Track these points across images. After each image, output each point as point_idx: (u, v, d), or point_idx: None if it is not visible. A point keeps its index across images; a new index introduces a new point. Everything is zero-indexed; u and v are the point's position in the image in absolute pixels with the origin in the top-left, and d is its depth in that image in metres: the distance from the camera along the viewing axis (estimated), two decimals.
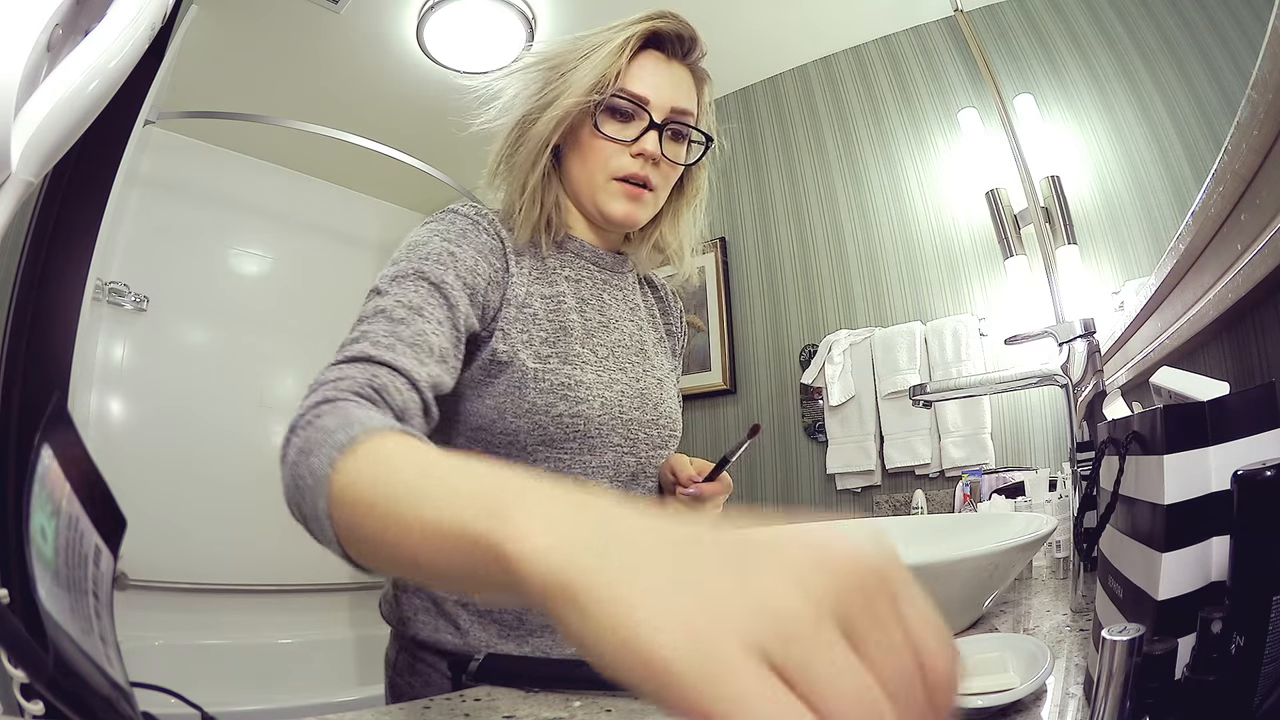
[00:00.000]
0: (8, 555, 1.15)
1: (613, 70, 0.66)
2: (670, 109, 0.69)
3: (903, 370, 1.89)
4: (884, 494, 1.94)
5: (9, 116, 0.36)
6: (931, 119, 2.02)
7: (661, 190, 0.72)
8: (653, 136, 0.68)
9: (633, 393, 0.72)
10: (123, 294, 2.20)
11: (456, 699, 0.53)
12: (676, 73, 0.71)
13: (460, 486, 0.28)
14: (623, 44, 0.67)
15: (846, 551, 0.19)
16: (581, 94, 0.66)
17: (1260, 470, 0.27)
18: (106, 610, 0.30)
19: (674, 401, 0.79)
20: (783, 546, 0.19)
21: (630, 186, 0.69)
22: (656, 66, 0.70)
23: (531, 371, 0.64)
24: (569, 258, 0.74)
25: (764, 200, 2.33)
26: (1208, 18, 1.07)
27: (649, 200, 0.71)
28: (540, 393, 0.64)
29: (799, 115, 2.28)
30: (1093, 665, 0.34)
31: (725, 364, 2.31)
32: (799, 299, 2.21)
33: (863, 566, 0.19)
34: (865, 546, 0.19)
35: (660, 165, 0.70)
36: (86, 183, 1.63)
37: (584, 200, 0.72)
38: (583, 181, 0.71)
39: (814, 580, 0.18)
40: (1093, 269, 1.54)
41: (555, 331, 0.68)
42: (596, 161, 0.69)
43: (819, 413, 2.07)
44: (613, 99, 0.67)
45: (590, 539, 0.22)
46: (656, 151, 0.69)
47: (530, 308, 0.67)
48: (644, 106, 0.68)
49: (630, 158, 0.69)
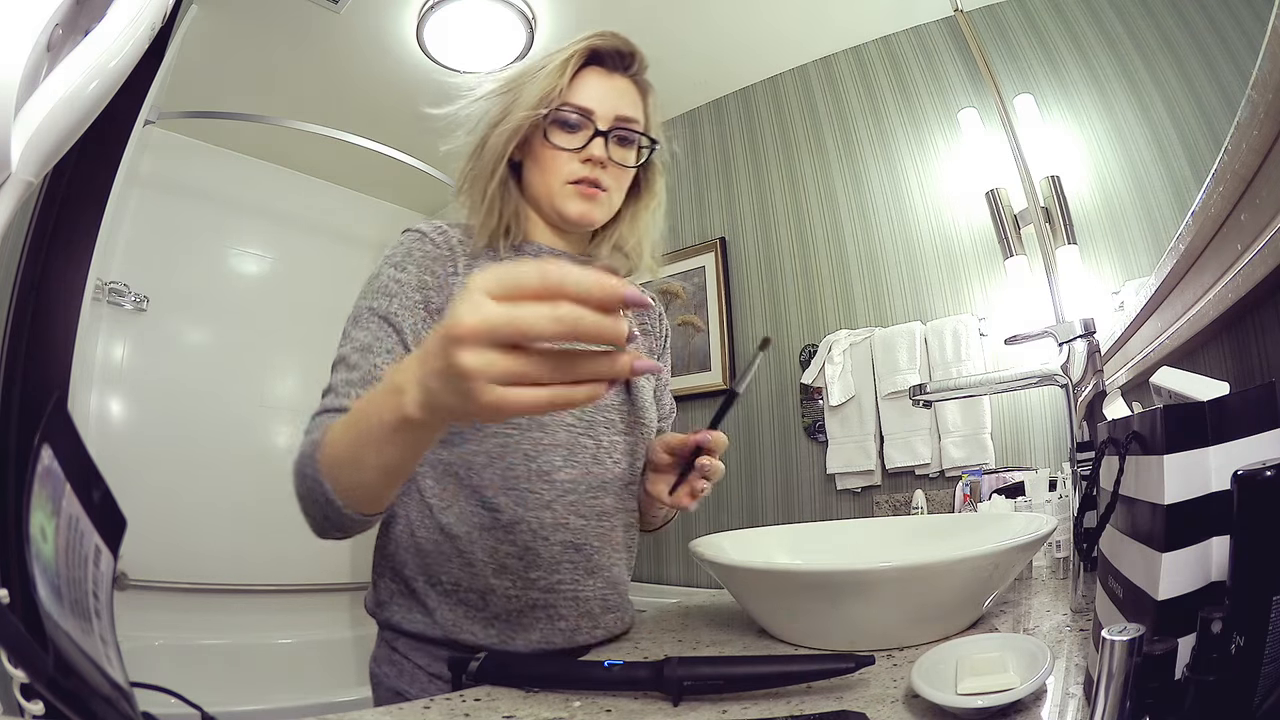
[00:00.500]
0: (8, 555, 1.15)
1: (556, 86, 0.73)
2: (614, 117, 0.76)
3: (903, 370, 1.89)
4: (884, 494, 1.94)
5: (9, 116, 0.36)
6: (931, 119, 2.02)
7: (614, 191, 0.79)
8: (599, 142, 0.75)
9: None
10: (123, 294, 2.20)
11: (456, 699, 0.53)
12: (619, 84, 0.78)
13: (367, 412, 0.49)
14: (564, 62, 0.74)
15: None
16: (529, 108, 0.73)
17: (1260, 470, 0.27)
18: (106, 610, 0.30)
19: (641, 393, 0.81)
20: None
21: (584, 188, 0.76)
22: (598, 80, 0.77)
23: None
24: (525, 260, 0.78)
25: (764, 200, 2.33)
26: (1208, 18, 1.07)
27: (603, 200, 0.78)
28: None
29: (799, 115, 2.28)
30: (1093, 665, 0.34)
31: (725, 364, 2.31)
32: (799, 299, 2.21)
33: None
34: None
35: (609, 168, 0.77)
36: (86, 183, 1.63)
37: (544, 206, 0.79)
38: (541, 189, 0.78)
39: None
40: (1093, 269, 1.54)
41: None
42: (551, 169, 0.76)
43: (819, 413, 2.07)
44: (560, 112, 0.74)
45: (417, 382, 0.42)
46: (604, 155, 0.76)
47: None
48: (589, 116, 0.75)
49: (580, 163, 0.75)
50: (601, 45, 0.77)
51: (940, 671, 0.46)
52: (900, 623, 0.58)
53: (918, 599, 0.57)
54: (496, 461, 0.70)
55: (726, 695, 0.50)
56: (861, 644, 0.58)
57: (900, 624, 0.58)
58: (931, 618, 0.59)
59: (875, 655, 0.51)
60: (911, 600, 0.57)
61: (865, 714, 0.43)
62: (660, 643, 0.72)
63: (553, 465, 0.72)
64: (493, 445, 0.70)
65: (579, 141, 0.75)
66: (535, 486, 0.71)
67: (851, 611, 0.58)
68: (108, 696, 0.26)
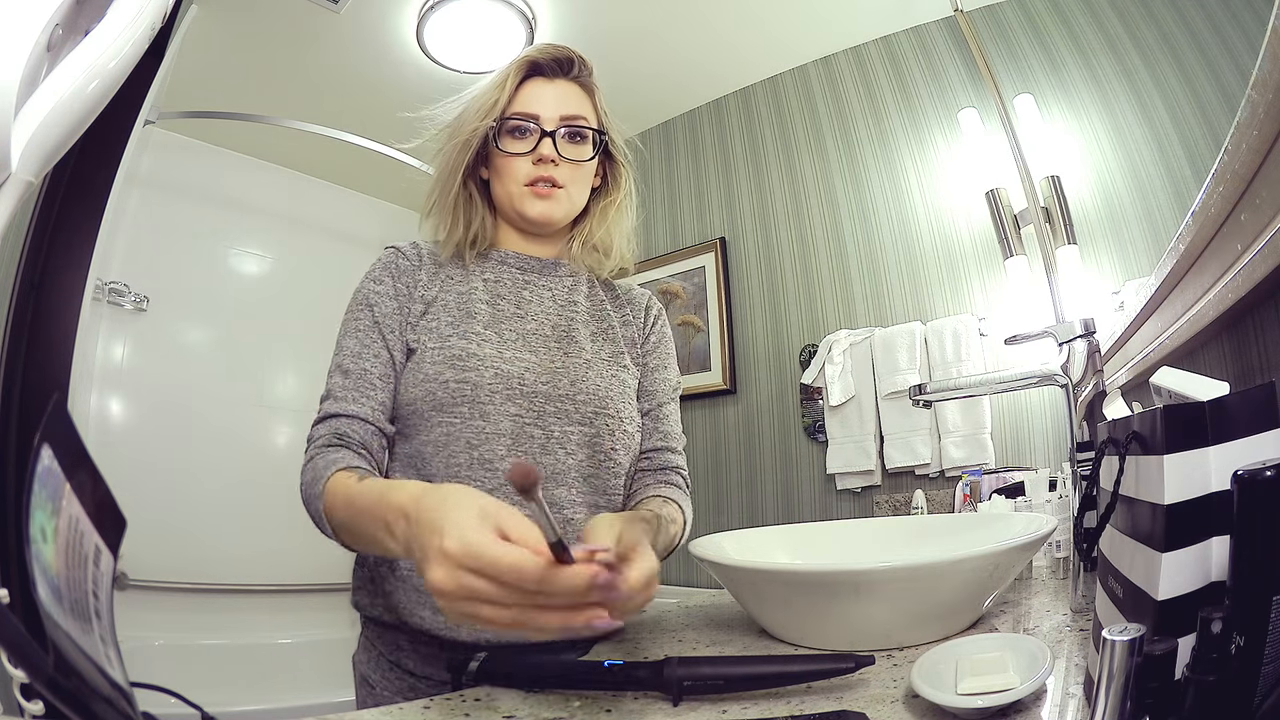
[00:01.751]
0: (8, 555, 1.15)
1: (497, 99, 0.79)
2: (560, 118, 0.81)
3: (903, 370, 1.89)
4: (884, 494, 1.94)
5: (9, 116, 0.36)
6: (931, 119, 2.02)
7: (572, 186, 0.82)
8: (547, 142, 0.79)
9: (541, 369, 0.78)
10: (123, 294, 2.19)
11: (456, 699, 0.53)
12: (561, 88, 0.82)
13: (363, 521, 0.59)
14: (503, 76, 0.80)
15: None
16: (476, 121, 0.79)
17: (1260, 470, 0.27)
18: (106, 610, 0.30)
19: (604, 383, 0.80)
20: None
21: (539, 187, 0.80)
22: (539, 88, 0.81)
23: (430, 350, 0.76)
24: (491, 265, 0.85)
25: (764, 200, 2.33)
26: (1208, 18, 1.07)
27: (560, 197, 0.82)
28: (433, 363, 0.74)
29: (799, 115, 2.28)
30: (1093, 665, 0.34)
31: (725, 364, 2.31)
32: (799, 299, 2.21)
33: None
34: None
35: (561, 165, 0.81)
36: (86, 183, 1.63)
37: (508, 212, 0.83)
38: (503, 196, 0.82)
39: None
40: (1093, 269, 1.54)
41: (461, 317, 0.78)
42: (509, 175, 0.81)
43: (819, 413, 2.07)
44: (508, 122, 0.80)
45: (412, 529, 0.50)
46: (553, 154, 0.80)
47: (441, 301, 0.79)
48: (535, 121, 0.80)
49: (533, 165, 0.80)
50: (538, 57, 0.82)
51: (940, 671, 0.46)
52: (900, 623, 0.58)
53: (918, 599, 0.57)
54: (441, 451, 0.73)
55: (726, 695, 0.50)
56: (861, 644, 0.58)
57: (900, 624, 0.58)
58: (931, 618, 0.59)
59: (875, 655, 0.51)
60: (911, 600, 0.57)
61: (865, 714, 0.43)
62: (660, 643, 0.72)
63: (495, 454, 0.73)
64: (439, 435, 0.73)
65: (528, 145, 0.80)
66: (476, 474, 0.72)
67: (851, 611, 0.58)
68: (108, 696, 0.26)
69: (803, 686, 0.50)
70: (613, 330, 0.87)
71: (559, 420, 0.77)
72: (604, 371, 0.82)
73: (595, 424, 0.79)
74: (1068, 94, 1.63)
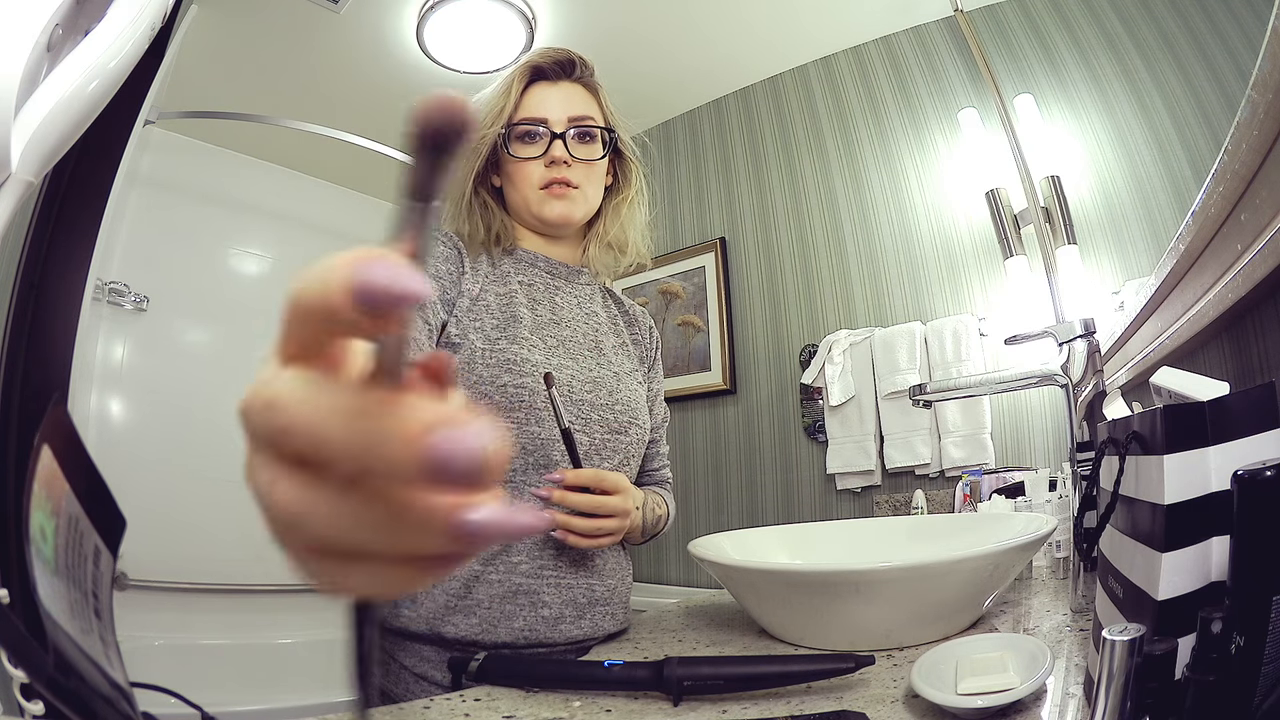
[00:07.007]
0: (8, 555, 1.15)
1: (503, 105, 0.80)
2: (568, 119, 0.81)
3: (903, 370, 1.89)
4: (884, 494, 1.94)
5: (9, 116, 0.36)
6: (931, 119, 2.02)
7: (587, 185, 0.83)
8: (558, 144, 0.80)
9: (585, 378, 0.79)
10: (123, 294, 2.19)
11: (456, 699, 0.53)
12: (565, 90, 0.83)
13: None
14: (506, 83, 0.81)
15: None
16: (484, 129, 0.80)
17: (1260, 470, 0.27)
18: (106, 610, 0.30)
19: (634, 395, 0.84)
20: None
21: (555, 189, 0.81)
22: (545, 92, 0.82)
23: (480, 350, 0.74)
24: (522, 265, 0.84)
25: (764, 200, 2.33)
26: (1208, 18, 1.07)
27: (577, 196, 0.82)
28: (487, 367, 0.73)
29: (799, 115, 2.28)
30: (1093, 665, 0.34)
31: (725, 364, 2.31)
32: (799, 299, 2.21)
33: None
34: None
35: (574, 165, 0.81)
36: (86, 183, 1.63)
37: (525, 216, 0.83)
38: (519, 202, 0.83)
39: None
40: (1093, 269, 1.54)
41: (506, 320, 0.78)
42: (523, 180, 0.81)
43: (819, 413, 2.07)
44: (517, 128, 0.80)
45: None
46: (565, 155, 0.80)
47: (484, 301, 0.78)
48: (544, 124, 0.80)
49: (546, 167, 0.80)
50: (540, 61, 0.82)
51: (940, 671, 0.46)
52: (900, 623, 0.58)
53: (918, 599, 0.57)
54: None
55: (726, 695, 0.50)
56: (861, 644, 0.58)
57: (900, 624, 0.58)
58: (931, 618, 0.59)
59: (875, 655, 0.51)
60: (911, 600, 0.57)
61: (865, 714, 0.43)
62: (660, 643, 0.72)
63: (550, 460, 0.74)
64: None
65: (540, 149, 0.80)
66: (532, 479, 0.74)
67: (851, 611, 0.58)
68: (108, 696, 0.26)
69: (803, 686, 0.50)
70: (627, 346, 0.91)
71: (601, 429, 0.79)
72: (630, 384, 0.85)
73: (629, 433, 0.82)
74: (1068, 94, 1.63)
